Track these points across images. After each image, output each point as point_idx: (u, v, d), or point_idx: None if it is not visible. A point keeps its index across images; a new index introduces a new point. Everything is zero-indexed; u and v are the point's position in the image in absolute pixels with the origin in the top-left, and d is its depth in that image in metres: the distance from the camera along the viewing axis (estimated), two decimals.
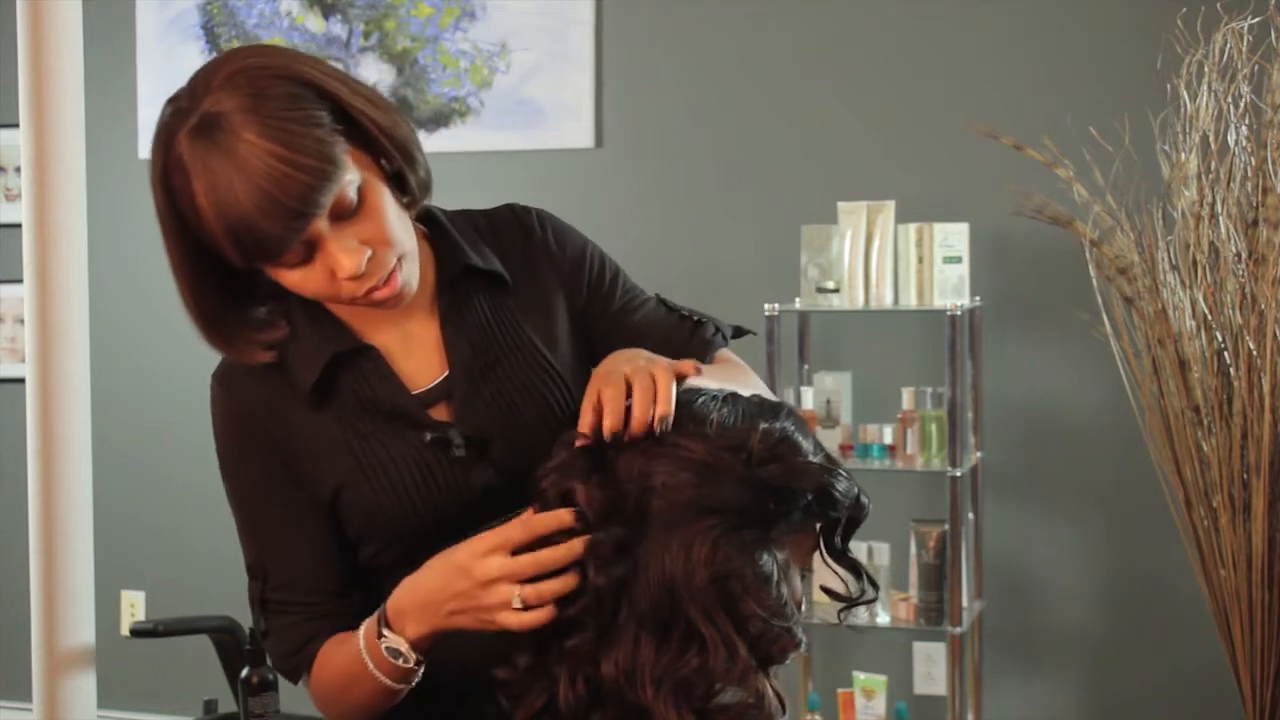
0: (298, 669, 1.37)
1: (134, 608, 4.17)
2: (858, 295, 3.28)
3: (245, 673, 2.48)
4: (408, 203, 1.33)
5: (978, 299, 3.37)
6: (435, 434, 1.34)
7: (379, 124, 1.28)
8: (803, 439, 1.22)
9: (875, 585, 1.28)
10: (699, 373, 1.25)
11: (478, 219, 1.46)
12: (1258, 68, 2.51)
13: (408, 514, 1.33)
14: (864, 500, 1.24)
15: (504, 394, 1.37)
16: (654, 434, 1.19)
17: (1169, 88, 2.55)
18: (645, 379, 1.21)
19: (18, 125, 2.43)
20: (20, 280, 2.44)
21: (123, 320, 3.98)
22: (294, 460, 1.35)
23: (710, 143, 3.69)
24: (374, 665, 1.28)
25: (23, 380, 2.48)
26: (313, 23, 3.98)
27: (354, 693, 1.32)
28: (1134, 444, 2.81)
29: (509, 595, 1.19)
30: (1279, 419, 2.43)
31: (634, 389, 1.21)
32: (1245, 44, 2.50)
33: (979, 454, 3.41)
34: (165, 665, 3.98)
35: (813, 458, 1.21)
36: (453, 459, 1.34)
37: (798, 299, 3.38)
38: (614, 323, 1.45)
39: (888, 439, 3.31)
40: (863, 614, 3.28)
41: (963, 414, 3.21)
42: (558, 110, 3.78)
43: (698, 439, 1.18)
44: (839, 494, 1.21)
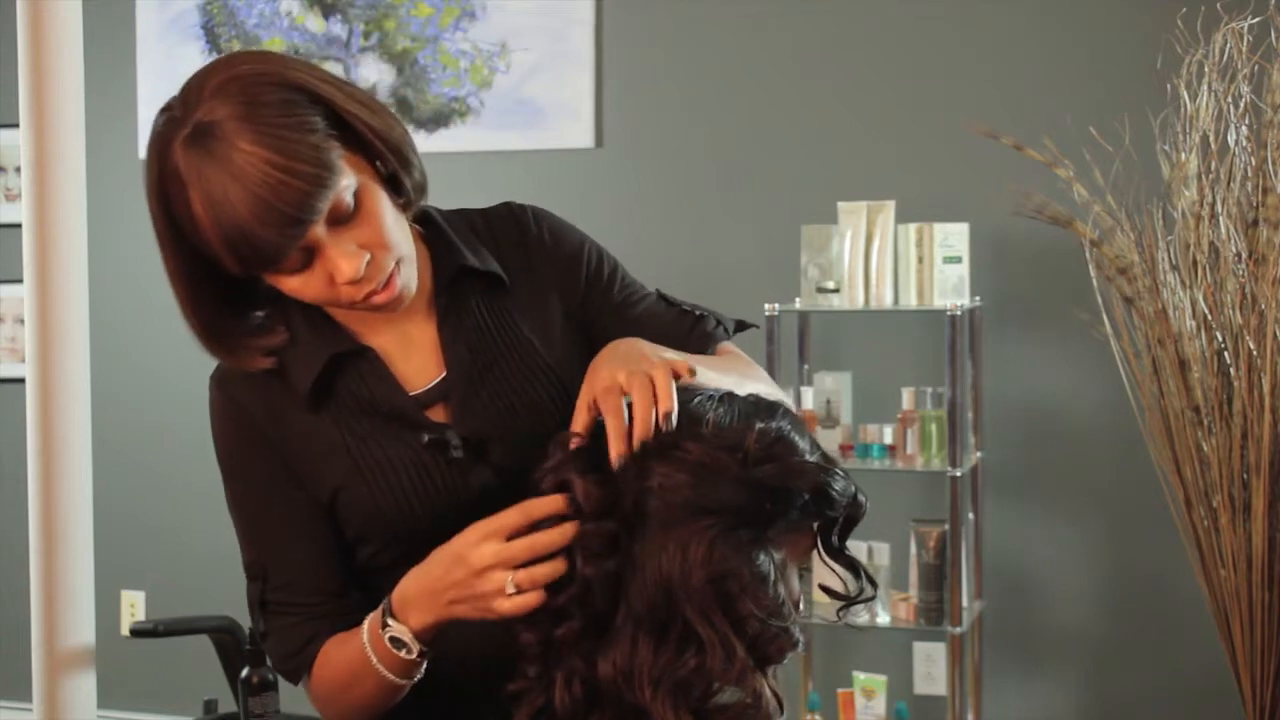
0: (298, 670, 1.37)
1: (134, 608, 4.17)
2: (858, 295, 3.28)
3: (245, 673, 2.48)
4: (403, 205, 1.33)
5: (978, 299, 3.37)
6: (433, 435, 1.34)
7: (373, 128, 1.28)
8: (799, 438, 1.22)
9: (874, 583, 1.28)
10: (693, 375, 1.24)
11: (474, 219, 1.46)
12: (1258, 68, 2.51)
13: (406, 515, 1.33)
14: (861, 499, 1.24)
15: (502, 395, 1.37)
16: (660, 433, 1.18)
17: (1169, 88, 2.54)
18: (643, 383, 1.20)
19: (18, 125, 2.43)
20: (20, 280, 2.44)
21: (123, 320, 3.98)
22: (293, 461, 1.35)
23: (710, 143, 3.69)
24: (377, 659, 1.28)
25: (23, 380, 2.48)
26: (313, 23, 3.98)
27: (355, 690, 1.31)
28: (1134, 444, 2.81)
29: (502, 582, 1.19)
30: (1279, 419, 2.42)
31: (634, 397, 1.20)
32: (1245, 44, 2.50)
33: (979, 454, 3.41)
34: (165, 665, 3.98)
35: (809, 457, 1.21)
36: (450, 460, 1.34)
37: (798, 299, 3.38)
38: (613, 317, 1.44)
39: (888, 439, 3.31)
40: (863, 613, 3.28)
41: (963, 414, 3.21)
42: (558, 110, 3.78)
43: (694, 439, 1.18)
44: (836, 493, 1.21)
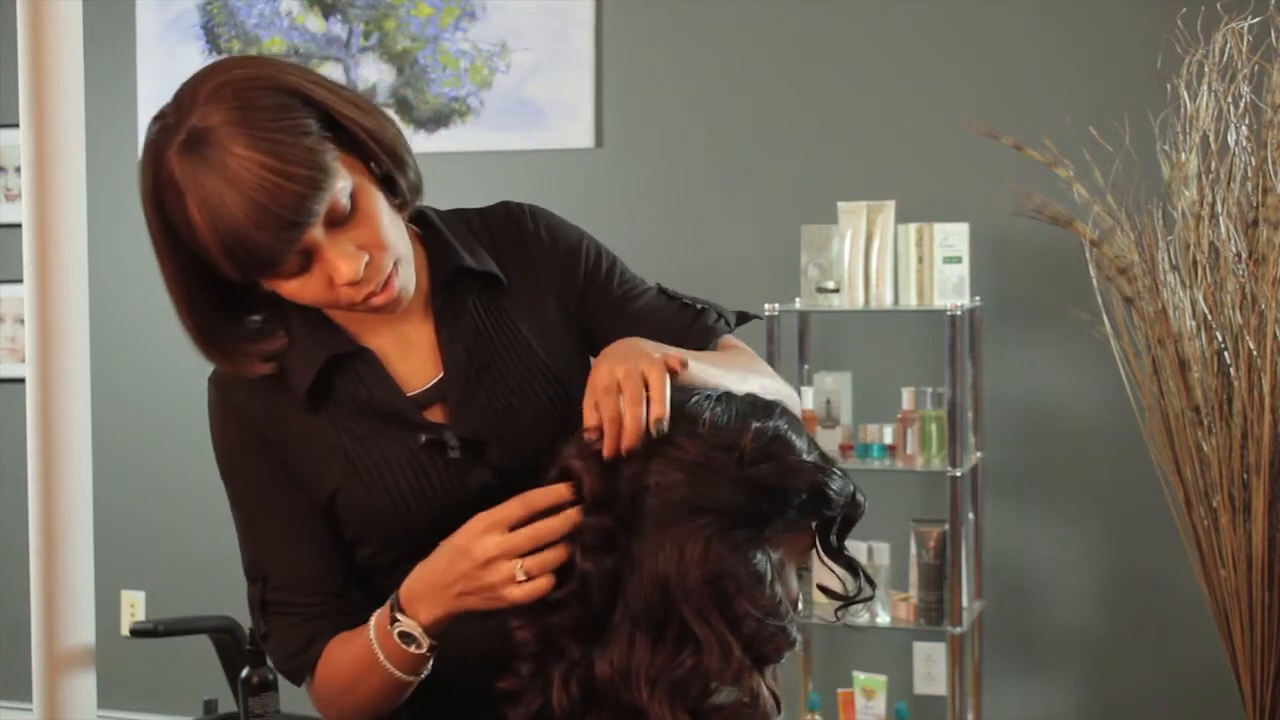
0: (300, 670, 1.37)
1: (134, 608, 4.17)
2: (858, 295, 3.27)
3: (245, 673, 2.48)
4: (399, 205, 1.33)
5: (978, 299, 3.37)
6: (430, 436, 1.34)
7: (366, 129, 1.28)
8: (796, 437, 1.22)
9: (872, 583, 1.28)
10: (685, 367, 1.24)
11: (472, 218, 1.46)
12: (1258, 68, 2.51)
13: (404, 516, 1.33)
14: (860, 498, 1.23)
15: (499, 395, 1.37)
16: (651, 436, 1.18)
17: (1169, 88, 2.54)
18: (635, 383, 1.20)
19: (18, 125, 2.43)
20: (20, 280, 2.44)
21: (123, 320, 3.98)
22: (292, 462, 1.35)
23: (710, 143, 3.69)
24: (385, 656, 1.28)
25: (23, 380, 2.48)
26: (313, 23, 3.98)
27: (361, 689, 1.31)
28: (1134, 444, 2.81)
29: (510, 571, 1.20)
30: (1279, 419, 2.42)
31: (625, 400, 1.19)
32: (1245, 44, 2.49)
33: (979, 454, 3.41)
34: (165, 665, 3.98)
35: (806, 456, 1.21)
36: (448, 461, 1.34)
37: (798, 299, 3.38)
38: (614, 312, 1.44)
39: (888, 439, 3.31)
40: (862, 613, 3.27)
41: (963, 414, 3.21)
42: (558, 110, 3.78)
43: (691, 438, 1.18)
44: (833, 492, 1.20)
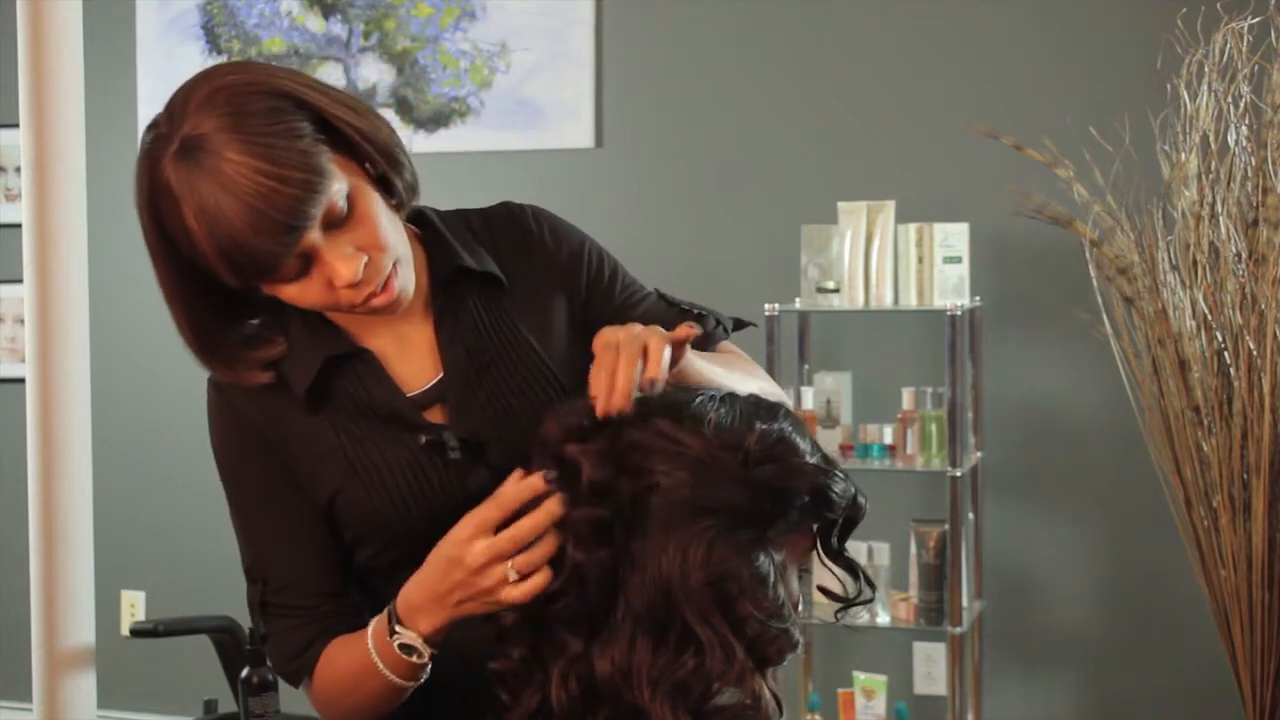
0: (299, 672, 1.37)
1: (134, 608, 4.17)
2: (858, 295, 3.27)
3: (245, 673, 2.48)
4: (396, 205, 1.32)
5: (978, 299, 3.37)
6: (430, 436, 1.33)
7: (360, 130, 1.27)
8: (799, 439, 1.22)
9: (872, 585, 1.28)
10: (696, 332, 1.24)
11: (472, 218, 1.45)
12: (1258, 68, 2.51)
13: (403, 517, 1.33)
14: (861, 500, 1.24)
15: (499, 396, 1.36)
16: (644, 398, 1.18)
17: (1169, 88, 2.54)
18: (633, 346, 1.20)
19: (18, 125, 2.43)
20: (20, 280, 2.44)
21: (123, 320, 3.98)
22: (291, 464, 1.35)
23: (710, 143, 3.69)
24: (384, 664, 1.28)
25: (23, 380, 2.48)
26: (313, 23, 3.98)
27: (359, 694, 1.31)
28: (1134, 444, 2.81)
29: (503, 574, 1.20)
30: (1279, 419, 2.42)
31: (620, 357, 1.19)
32: (1245, 44, 2.49)
33: (979, 454, 3.41)
34: (165, 665, 3.98)
35: (809, 458, 1.21)
36: (448, 461, 1.33)
37: (798, 299, 3.38)
38: (614, 318, 1.43)
39: (888, 439, 3.31)
40: (862, 614, 3.28)
41: (963, 414, 3.21)
42: (558, 110, 3.78)
43: (696, 437, 1.18)
44: (835, 495, 1.20)
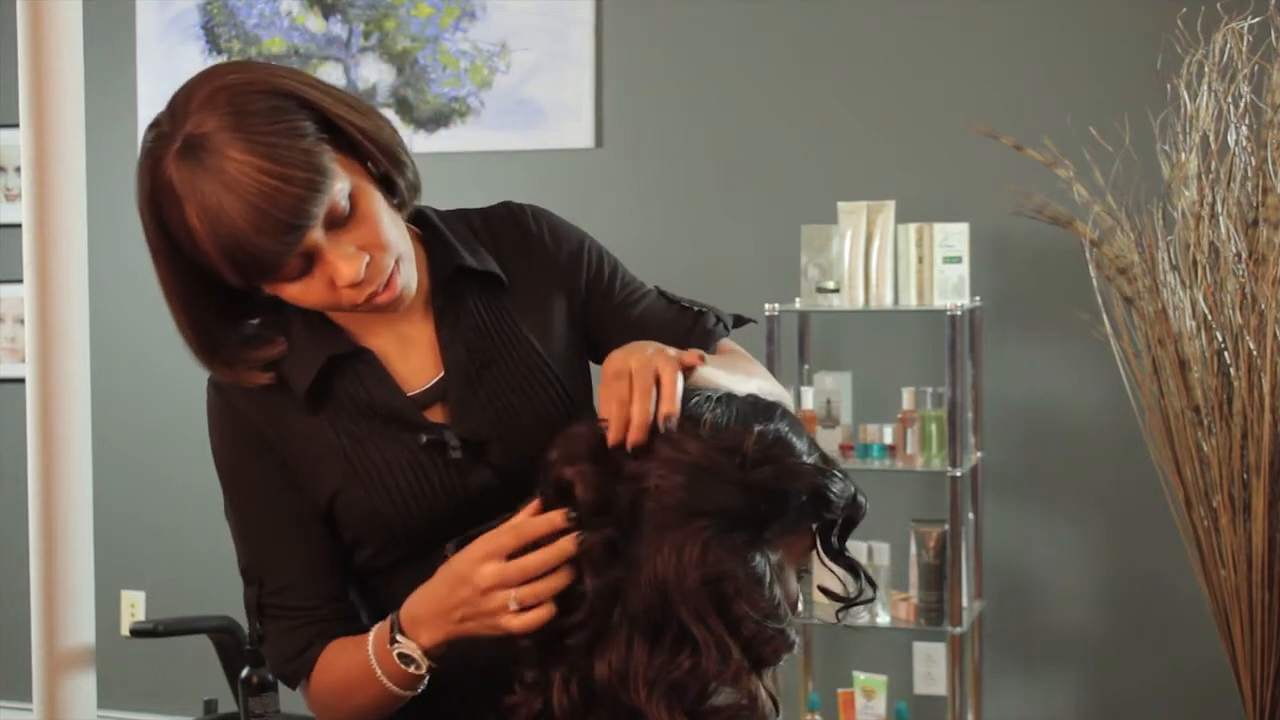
0: (296, 674, 1.37)
1: (134, 608, 4.17)
2: (858, 295, 3.27)
3: (245, 673, 2.48)
4: (398, 205, 1.32)
5: (978, 299, 3.37)
6: (431, 436, 1.33)
7: (362, 129, 1.27)
8: (796, 440, 1.21)
9: (873, 585, 1.27)
10: (703, 361, 1.24)
11: (473, 218, 1.45)
12: (1258, 68, 2.51)
13: (404, 517, 1.33)
14: (861, 500, 1.23)
15: (500, 395, 1.36)
16: (658, 432, 1.18)
17: (1169, 88, 2.54)
18: (646, 377, 1.20)
19: (18, 125, 2.43)
20: (20, 280, 2.44)
21: (123, 320, 3.98)
22: (291, 464, 1.35)
23: (710, 143, 3.69)
24: (383, 672, 1.28)
25: (23, 380, 2.48)
26: (313, 23, 3.98)
27: (356, 698, 1.32)
28: (1134, 444, 2.81)
29: (506, 600, 1.19)
30: (1279, 419, 2.42)
31: (634, 390, 1.19)
32: (1245, 44, 2.49)
33: (979, 454, 3.41)
34: (165, 665, 3.98)
35: (807, 458, 1.20)
36: (449, 461, 1.33)
37: (798, 299, 3.38)
38: (615, 317, 1.44)
39: (888, 439, 3.31)
40: (863, 614, 3.28)
41: (963, 414, 3.21)
42: (558, 110, 3.78)
43: (693, 439, 1.17)
44: (833, 495, 1.20)
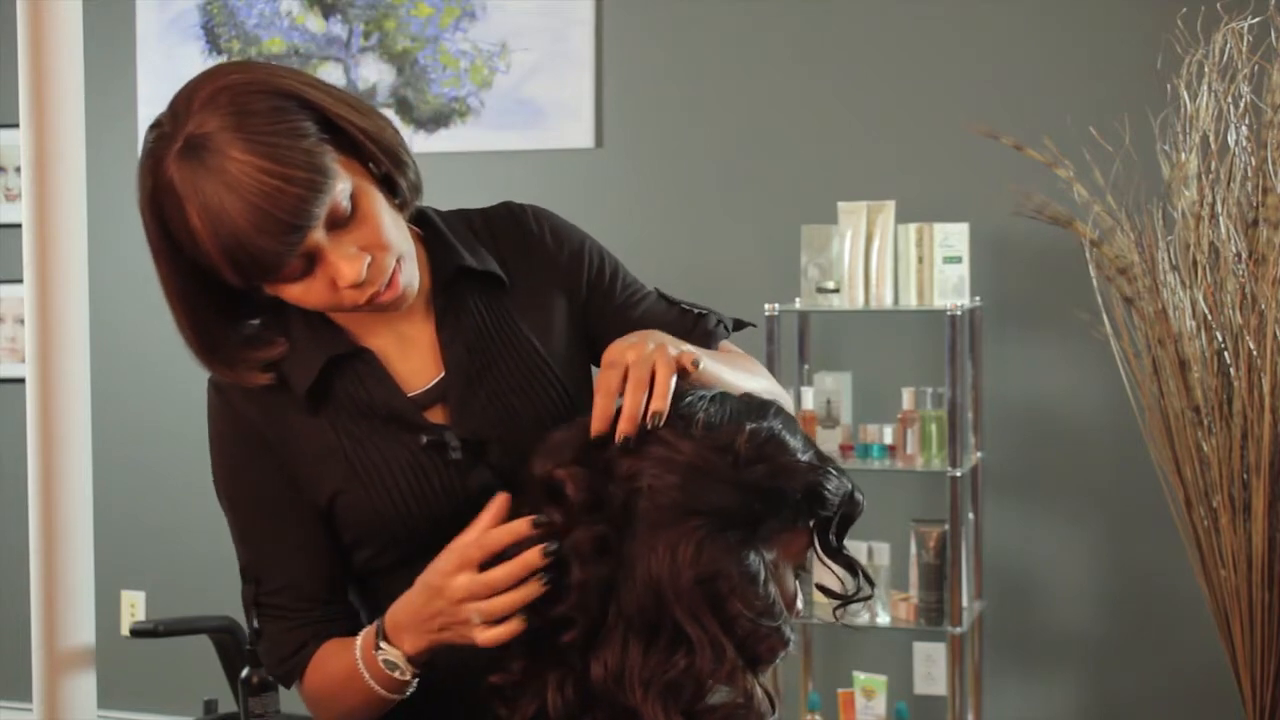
0: (291, 673, 1.38)
1: (134, 608, 4.17)
2: (858, 295, 3.28)
3: (245, 673, 2.48)
4: (399, 205, 1.32)
5: (978, 299, 3.37)
6: (431, 437, 1.33)
7: (364, 130, 1.27)
8: (790, 437, 1.21)
9: (871, 582, 1.27)
10: (696, 369, 1.24)
11: (474, 218, 1.45)
12: (1258, 68, 2.51)
13: (404, 518, 1.33)
14: (858, 497, 1.23)
15: (501, 395, 1.36)
16: (646, 429, 1.18)
17: (1169, 88, 2.54)
18: (642, 370, 1.20)
19: (18, 125, 2.43)
20: (20, 280, 2.44)
21: (123, 320, 3.98)
22: (291, 465, 1.35)
23: (710, 143, 3.69)
24: (370, 676, 1.28)
25: (23, 380, 2.48)
26: (313, 23, 3.98)
27: (345, 699, 1.32)
28: (1134, 444, 2.81)
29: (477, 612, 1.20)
30: (1279, 419, 2.42)
31: (628, 383, 1.19)
32: (1245, 44, 2.49)
33: (979, 454, 3.41)
34: (165, 665, 3.98)
35: (801, 456, 1.20)
36: (449, 461, 1.33)
37: (798, 299, 3.38)
38: (615, 317, 1.44)
39: (888, 439, 3.31)
40: (862, 613, 3.28)
41: (963, 414, 3.21)
42: (558, 110, 3.78)
43: (685, 439, 1.17)
44: (829, 492, 1.20)
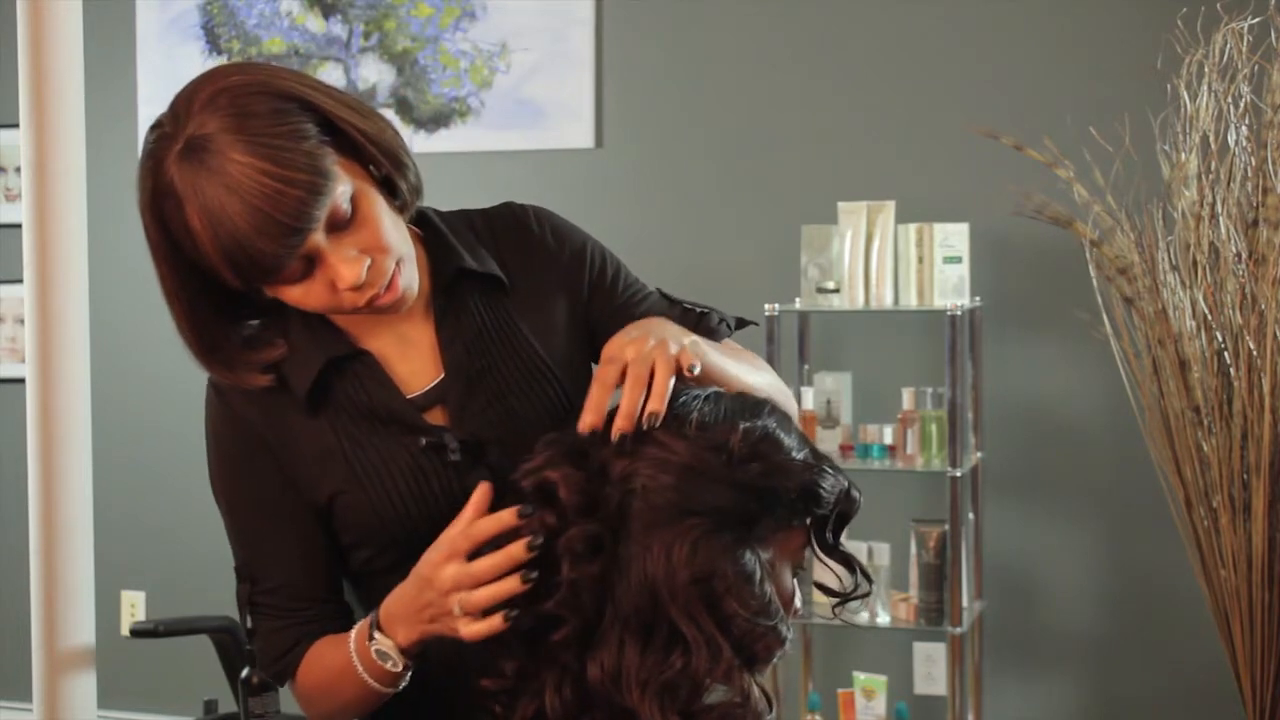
0: (284, 671, 1.38)
1: (134, 608, 4.17)
2: (858, 295, 3.28)
3: (245, 673, 2.46)
4: (399, 208, 1.32)
5: (978, 299, 3.37)
6: (430, 438, 1.33)
7: (365, 132, 1.27)
8: (785, 435, 1.20)
9: (869, 579, 1.27)
10: (694, 374, 1.23)
11: (475, 219, 1.45)
12: (1258, 68, 2.51)
13: (402, 519, 1.33)
14: (855, 494, 1.22)
15: (500, 397, 1.36)
16: (641, 429, 1.18)
17: (1169, 88, 2.54)
18: (641, 368, 1.20)
19: (18, 125, 2.43)
20: (20, 280, 2.44)
21: (123, 320, 3.98)
22: (290, 466, 1.35)
23: (710, 143, 3.69)
24: (363, 669, 1.29)
25: (23, 380, 2.48)
26: (313, 23, 3.98)
27: (337, 693, 1.33)
28: (1134, 444, 2.81)
29: (463, 604, 1.20)
30: (1279, 419, 2.42)
31: (626, 380, 1.19)
32: (1245, 44, 2.49)
33: (979, 454, 3.41)
34: (165, 665, 3.98)
35: (796, 455, 1.19)
36: (448, 463, 1.33)
37: (798, 299, 3.38)
38: (617, 318, 1.43)
39: (888, 439, 3.31)
40: (862, 611, 3.28)
41: (963, 414, 3.21)
42: (558, 110, 3.78)
43: (679, 439, 1.17)
44: (824, 491, 1.19)
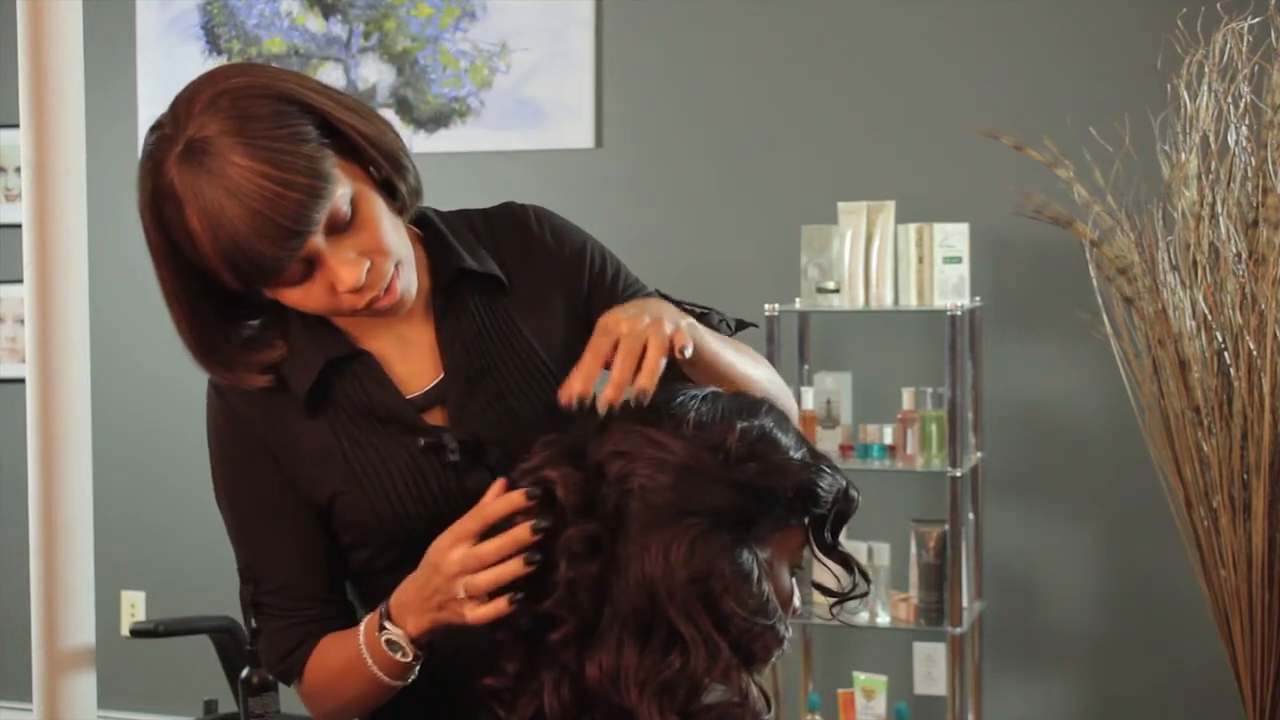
0: (290, 671, 1.38)
1: (134, 608, 4.17)
2: (858, 295, 3.28)
3: (245, 673, 2.48)
4: (399, 209, 1.32)
5: (978, 299, 3.37)
6: (430, 439, 1.33)
7: (365, 134, 1.27)
8: (782, 435, 1.20)
9: (867, 578, 1.27)
10: (685, 356, 1.22)
11: (475, 219, 1.45)
12: (1258, 68, 2.51)
13: (402, 519, 1.33)
14: (853, 493, 1.22)
15: (500, 397, 1.36)
16: (629, 406, 1.17)
17: (1169, 88, 2.54)
18: (633, 343, 1.19)
19: (18, 125, 2.43)
20: (20, 280, 2.44)
21: (123, 320, 3.98)
22: (289, 466, 1.35)
23: (710, 143, 3.69)
24: (372, 661, 1.28)
25: (23, 380, 2.48)
26: (313, 23, 3.98)
27: (346, 688, 1.32)
28: (1134, 444, 2.81)
29: (469, 587, 1.20)
30: (1279, 419, 2.42)
31: (617, 353, 1.18)
32: (1245, 44, 2.49)
33: (979, 454, 3.41)
34: (165, 665, 3.98)
35: (793, 454, 1.19)
36: (447, 463, 1.33)
37: (798, 299, 3.38)
38: None
39: (888, 439, 3.31)
40: (861, 611, 3.28)
41: (963, 414, 3.21)
42: (558, 110, 3.78)
43: (677, 438, 1.17)
44: (822, 490, 1.19)
